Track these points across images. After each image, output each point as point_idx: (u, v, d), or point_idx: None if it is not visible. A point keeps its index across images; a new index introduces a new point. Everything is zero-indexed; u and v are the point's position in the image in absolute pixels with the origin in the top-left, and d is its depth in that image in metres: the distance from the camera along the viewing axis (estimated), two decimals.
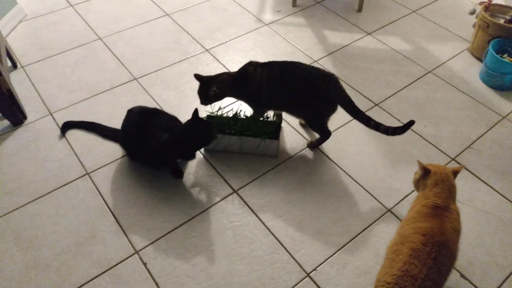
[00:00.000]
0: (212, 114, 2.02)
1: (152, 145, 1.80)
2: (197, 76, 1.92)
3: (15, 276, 1.59)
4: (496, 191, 1.90)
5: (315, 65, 2.53)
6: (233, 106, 2.25)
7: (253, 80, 1.88)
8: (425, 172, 1.47)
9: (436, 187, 1.42)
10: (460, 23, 2.92)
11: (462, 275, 1.61)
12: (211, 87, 1.86)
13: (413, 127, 2.14)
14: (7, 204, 1.81)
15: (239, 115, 2.00)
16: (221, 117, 1.99)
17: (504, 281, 1.59)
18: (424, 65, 2.57)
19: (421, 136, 2.13)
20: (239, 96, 1.99)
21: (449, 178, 1.44)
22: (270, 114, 2.07)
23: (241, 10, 2.97)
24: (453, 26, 2.89)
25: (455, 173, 1.46)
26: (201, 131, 1.78)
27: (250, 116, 2.00)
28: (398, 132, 1.78)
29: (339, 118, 2.21)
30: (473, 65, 2.58)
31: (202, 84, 1.91)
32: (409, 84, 2.44)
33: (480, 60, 2.59)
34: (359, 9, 2.99)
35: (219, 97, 1.95)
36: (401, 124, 1.80)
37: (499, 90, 2.40)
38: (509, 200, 1.86)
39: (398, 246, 1.31)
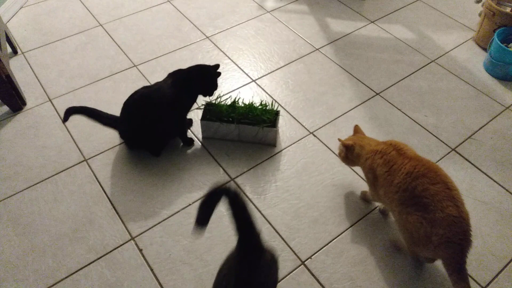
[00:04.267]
0: (210, 102, 2.01)
1: (164, 100, 1.82)
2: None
3: (12, 261, 1.60)
4: (495, 182, 1.88)
5: (317, 53, 2.51)
6: (232, 94, 2.24)
7: None
8: (348, 148, 1.64)
9: (368, 144, 1.61)
10: (466, 11, 2.87)
11: None
12: None
13: (414, 116, 2.14)
14: (6, 190, 1.82)
15: (237, 103, 1.99)
16: (219, 105, 1.98)
17: (499, 272, 1.58)
18: (427, 54, 2.53)
19: (422, 126, 2.10)
20: None
21: (361, 135, 1.71)
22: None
23: None
24: (459, 14, 2.84)
25: (356, 131, 1.75)
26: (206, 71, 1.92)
27: (248, 104, 1.98)
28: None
29: (339, 107, 2.19)
30: (478, 54, 2.54)
31: None
32: (412, 74, 2.40)
33: (485, 49, 2.54)
34: None
35: None
36: (402, 114, 1.77)
37: (503, 80, 2.36)
38: (509, 191, 1.84)
39: (414, 201, 1.38)
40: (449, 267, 1.34)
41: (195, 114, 2.14)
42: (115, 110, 2.04)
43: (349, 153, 1.65)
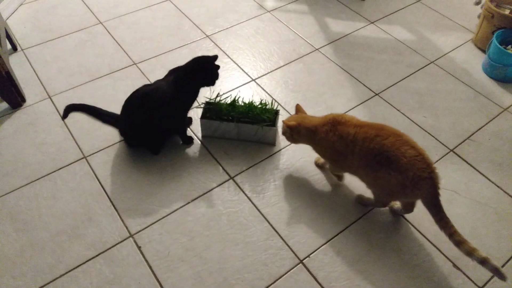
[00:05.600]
0: (210, 101, 2.02)
1: (165, 97, 1.82)
2: None
3: (10, 257, 1.60)
4: (493, 183, 1.89)
5: (317, 53, 2.52)
6: (231, 93, 2.25)
7: None
8: (292, 128, 1.72)
9: (310, 121, 1.71)
10: (465, 13, 2.88)
11: (455, 265, 1.61)
12: None
13: (412, 117, 2.15)
14: (4, 186, 1.82)
15: (237, 102, 1.99)
16: (219, 103, 1.98)
17: None
18: (426, 55, 2.54)
19: (421, 127, 2.11)
20: None
21: (303, 114, 1.80)
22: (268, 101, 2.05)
23: None
24: (458, 16, 2.85)
25: (298, 110, 1.83)
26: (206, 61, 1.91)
27: (248, 103, 1.99)
28: None
29: (338, 107, 2.20)
30: (476, 56, 2.55)
31: None
32: (411, 74, 2.41)
33: (484, 51, 2.56)
34: None
35: None
36: (401, 114, 1.78)
37: (502, 82, 2.37)
38: (506, 192, 1.85)
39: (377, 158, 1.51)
40: (428, 203, 1.50)
41: (194, 113, 2.14)
42: (115, 107, 2.04)
43: (294, 134, 1.74)
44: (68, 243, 1.65)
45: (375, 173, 1.54)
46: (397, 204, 1.74)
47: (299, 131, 1.72)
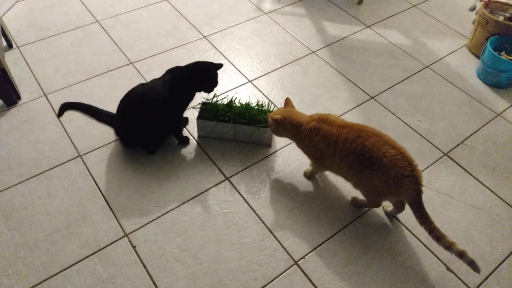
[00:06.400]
0: (207, 101, 2.02)
1: (160, 97, 1.81)
2: None
3: (4, 255, 1.59)
4: (486, 187, 1.91)
5: (313, 56, 2.53)
6: (228, 94, 2.25)
7: None
8: (277, 122, 1.72)
9: (296, 117, 1.73)
10: (460, 19, 2.91)
11: (448, 268, 1.62)
12: None
13: (407, 121, 2.16)
14: None
15: (234, 103, 2.00)
16: (215, 104, 1.99)
17: (489, 276, 1.61)
18: (421, 60, 2.56)
19: (415, 130, 2.13)
20: None
21: (291, 109, 1.80)
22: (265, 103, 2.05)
23: None
24: (453, 22, 2.88)
25: (286, 103, 1.83)
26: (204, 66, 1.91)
27: (245, 104, 1.99)
28: None
29: (334, 110, 2.21)
30: (471, 61, 2.58)
31: None
32: (406, 78, 2.43)
33: (478, 57, 2.58)
34: (360, 2, 2.97)
35: None
36: (396, 118, 1.80)
37: (495, 87, 2.40)
38: (499, 197, 1.87)
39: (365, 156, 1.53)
40: (411, 201, 1.52)
41: (191, 113, 2.14)
42: (111, 106, 2.04)
43: (279, 127, 1.75)
44: (63, 242, 1.64)
45: (359, 174, 1.58)
46: (390, 207, 1.76)
47: (284, 125, 1.74)
